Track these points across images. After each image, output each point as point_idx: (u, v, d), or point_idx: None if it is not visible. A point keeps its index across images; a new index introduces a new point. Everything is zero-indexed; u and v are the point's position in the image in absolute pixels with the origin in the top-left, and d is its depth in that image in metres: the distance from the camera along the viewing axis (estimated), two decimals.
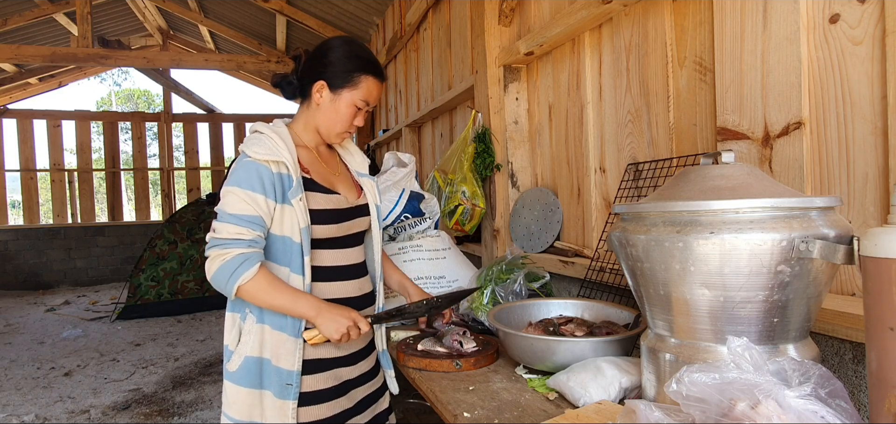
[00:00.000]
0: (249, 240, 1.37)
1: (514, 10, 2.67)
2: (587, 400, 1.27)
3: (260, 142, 1.42)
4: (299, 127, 1.57)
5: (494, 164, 2.74)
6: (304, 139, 1.57)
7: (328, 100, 1.51)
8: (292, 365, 1.43)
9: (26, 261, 9.36)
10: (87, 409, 3.90)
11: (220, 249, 1.35)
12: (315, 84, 1.51)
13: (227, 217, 1.37)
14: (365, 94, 1.52)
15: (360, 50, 1.55)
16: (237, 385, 1.44)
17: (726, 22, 1.50)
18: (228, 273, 1.34)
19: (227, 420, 1.47)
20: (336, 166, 1.64)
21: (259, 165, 1.39)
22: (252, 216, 1.37)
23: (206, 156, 10.85)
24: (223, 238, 1.36)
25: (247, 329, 1.44)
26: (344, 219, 1.54)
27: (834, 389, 0.82)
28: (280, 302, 1.38)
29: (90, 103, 25.42)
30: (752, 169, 1.07)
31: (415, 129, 4.73)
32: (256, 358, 1.43)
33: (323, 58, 1.52)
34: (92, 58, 6.31)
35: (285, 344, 1.43)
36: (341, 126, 1.54)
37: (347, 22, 6.15)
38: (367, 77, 1.51)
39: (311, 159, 1.56)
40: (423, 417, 2.85)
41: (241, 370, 1.43)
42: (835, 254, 0.88)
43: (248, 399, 1.43)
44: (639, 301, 1.15)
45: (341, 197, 1.54)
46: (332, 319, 1.39)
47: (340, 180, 1.61)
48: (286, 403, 1.42)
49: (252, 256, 1.36)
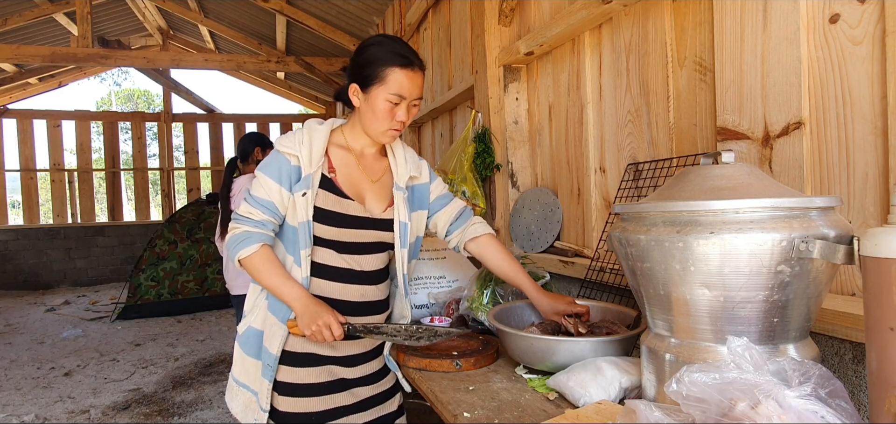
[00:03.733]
0: (257, 220, 1.48)
1: (514, 10, 2.67)
2: (587, 400, 1.27)
3: (290, 136, 1.54)
4: (348, 130, 1.62)
5: (494, 164, 2.74)
6: (351, 142, 1.61)
7: (363, 101, 1.53)
8: (274, 350, 1.51)
9: (26, 261, 9.36)
10: (87, 409, 3.90)
11: (235, 223, 1.51)
12: (350, 88, 1.55)
13: (248, 198, 1.52)
14: (396, 87, 1.48)
15: (387, 43, 1.51)
16: (241, 348, 1.59)
17: (726, 22, 1.50)
18: (234, 245, 1.48)
19: (232, 379, 1.62)
20: (379, 174, 1.63)
21: (281, 156, 1.51)
22: (264, 200, 1.49)
23: (206, 156, 10.85)
24: (240, 215, 1.51)
25: (258, 303, 1.57)
26: (351, 226, 1.53)
27: (834, 389, 0.82)
28: (270, 282, 1.48)
29: (90, 103, 25.41)
30: (752, 169, 1.07)
31: (415, 129, 4.73)
32: (258, 330, 1.55)
33: (354, 60, 1.55)
34: (92, 58, 6.31)
35: (274, 328, 1.52)
36: (381, 124, 1.52)
37: (347, 22, 6.15)
38: (393, 69, 1.47)
39: (348, 161, 1.58)
40: (423, 417, 2.85)
41: (244, 335, 1.58)
42: (835, 254, 0.88)
43: (246, 363, 1.56)
44: (639, 301, 1.15)
45: (356, 205, 1.54)
46: (307, 313, 1.45)
47: (375, 188, 1.60)
48: (264, 382, 1.51)
49: (255, 234, 1.48)
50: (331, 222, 1.50)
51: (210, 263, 7.07)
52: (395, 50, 1.49)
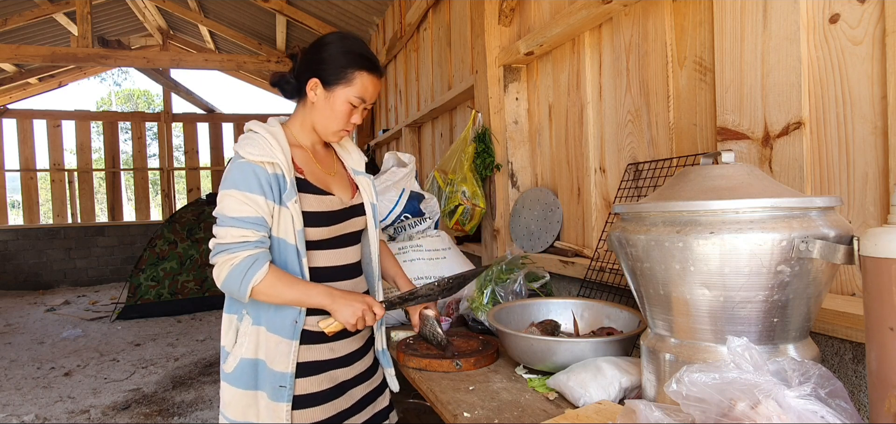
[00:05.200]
0: (256, 241, 1.37)
1: (514, 10, 2.67)
2: (587, 400, 1.27)
3: (254, 142, 1.41)
4: (296, 126, 1.54)
5: (494, 164, 2.74)
6: (300, 138, 1.54)
7: (322, 97, 1.48)
8: (286, 367, 1.42)
9: (26, 261, 9.35)
10: (87, 409, 3.90)
11: (227, 254, 1.35)
12: (309, 81, 1.48)
13: (228, 221, 1.36)
14: (360, 90, 1.47)
15: (354, 45, 1.50)
16: (233, 386, 1.44)
17: (726, 22, 1.50)
18: (240, 277, 1.34)
19: (225, 420, 1.48)
20: (332, 165, 1.61)
21: (254, 165, 1.38)
22: (254, 218, 1.37)
23: (206, 156, 10.85)
24: (228, 243, 1.35)
25: (243, 331, 1.44)
26: (337, 220, 1.52)
27: (834, 389, 0.82)
28: (294, 296, 1.39)
29: (90, 103, 25.39)
30: (752, 169, 1.07)
31: (415, 129, 4.73)
32: (252, 360, 1.43)
33: (317, 54, 1.48)
34: (92, 58, 6.31)
35: (280, 346, 1.42)
36: (337, 124, 1.51)
37: (347, 22, 6.15)
38: (362, 73, 1.47)
39: (306, 158, 1.53)
40: (423, 417, 2.85)
41: (236, 371, 1.44)
42: (835, 254, 0.88)
43: (244, 399, 1.43)
44: (639, 301, 1.15)
45: (335, 198, 1.52)
46: (347, 305, 1.40)
47: (336, 179, 1.58)
48: (280, 405, 1.42)
49: (261, 256, 1.36)
50: (320, 223, 1.47)
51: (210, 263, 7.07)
52: (362, 53, 1.49)
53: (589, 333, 1.74)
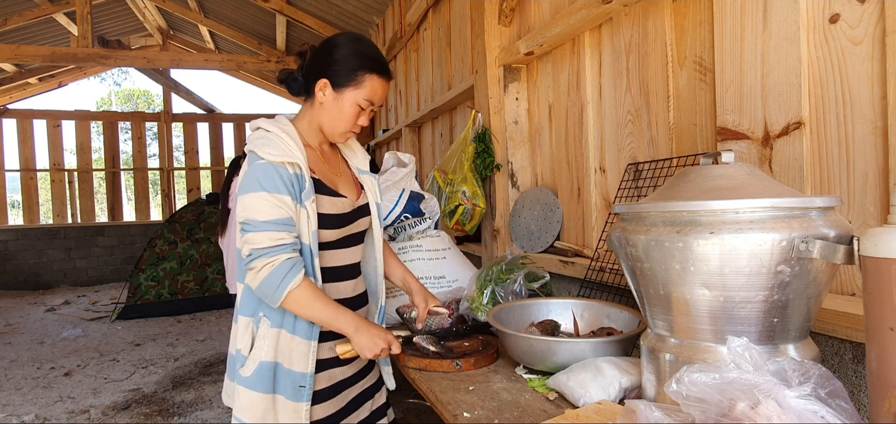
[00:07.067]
0: (292, 244, 1.36)
1: (514, 10, 2.67)
2: (587, 400, 1.27)
3: (271, 142, 1.39)
4: (303, 125, 1.54)
5: (494, 164, 2.74)
6: (308, 138, 1.53)
7: (331, 98, 1.47)
8: (306, 367, 1.43)
9: (26, 261, 9.35)
10: (87, 409, 3.90)
11: (266, 257, 1.33)
12: (318, 82, 1.47)
13: (261, 225, 1.34)
14: (369, 93, 1.47)
15: (365, 48, 1.50)
16: (251, 390, 1.42)
17: (726, 22, 1.50)
18: (279, 279, 1.32)
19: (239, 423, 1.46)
20: (338, 165, 1.61)
21: (277, 166, 1.36)
22: (286, 219, 1.35)
23: (206, 156, 10.85)
24: (266, 247, 1.33)
25: (261, 334, 1.43)
26: (347, 222, 1.53)
27: (834, 389, 0.82)
28: (322, 315, 1.39)
29: (90, 103, 25.41)
30: (752, 169, 1.07)
31: (415, 129, 4.73)
32: (270, 363, 1.41)
33: (327, 55, 1.48)
34: (92, 58, 6.31)
35: (299, 347, 1.42)
36: (345, 126, 1.50)
37: (347, 22, 6.15)
38: (372, 76, 1.47)
39: (316, 158, 1.53)
40: (423, 417, 2.85)
41: (254, 375, 1.41)
42: (835, 254, 0.88)
43: (262, 403, 1.42)
44: (639, 301, 1.15)
45: (347, 200, 1.52)
46: (369, 338, 1.42)
47: (342, 179, 1.58)
48: (300, 405, 1.42)
49: (298, 261, 1.36)
50: (332, 225, 1.48)
51: (210, 263, 7.07)
52: (373, 56, 1.49)
53: (589, 333, 1.74)
